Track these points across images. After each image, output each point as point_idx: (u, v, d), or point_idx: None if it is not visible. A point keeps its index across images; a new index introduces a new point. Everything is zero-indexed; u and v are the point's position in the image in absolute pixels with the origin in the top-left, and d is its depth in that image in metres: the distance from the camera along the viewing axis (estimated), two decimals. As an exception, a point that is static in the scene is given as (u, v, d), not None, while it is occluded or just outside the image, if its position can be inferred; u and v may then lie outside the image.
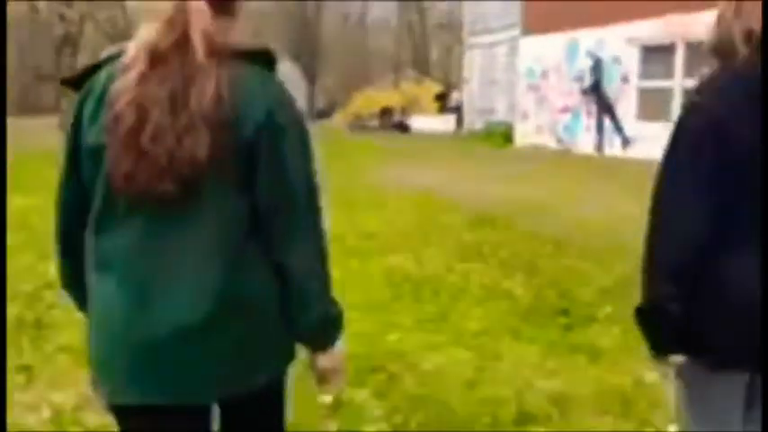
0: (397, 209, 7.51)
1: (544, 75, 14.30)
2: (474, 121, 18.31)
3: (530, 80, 14.76)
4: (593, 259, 5.16)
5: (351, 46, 55.43)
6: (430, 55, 52.15)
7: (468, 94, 18.98)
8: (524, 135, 14.96)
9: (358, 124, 29.56)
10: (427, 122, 23.38)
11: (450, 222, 6.76)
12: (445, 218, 6.98)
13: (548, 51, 14.04)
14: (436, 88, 30.52)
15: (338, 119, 34.67)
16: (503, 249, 5.55)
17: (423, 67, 47.40)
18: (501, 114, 17.08)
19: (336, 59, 55.45)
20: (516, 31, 15.59)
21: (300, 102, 1.50)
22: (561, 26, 13.54)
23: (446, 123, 22.27)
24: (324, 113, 41.80)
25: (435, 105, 28.13)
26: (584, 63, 13.05)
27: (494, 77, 17.62)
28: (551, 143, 14.05)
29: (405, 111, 26.02)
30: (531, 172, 10.87)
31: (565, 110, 13.68)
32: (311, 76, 48.13)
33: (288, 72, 1.53)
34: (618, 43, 12.23)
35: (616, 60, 12.34)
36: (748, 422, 1.35)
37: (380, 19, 57.30)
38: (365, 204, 7.67)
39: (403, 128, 23.50)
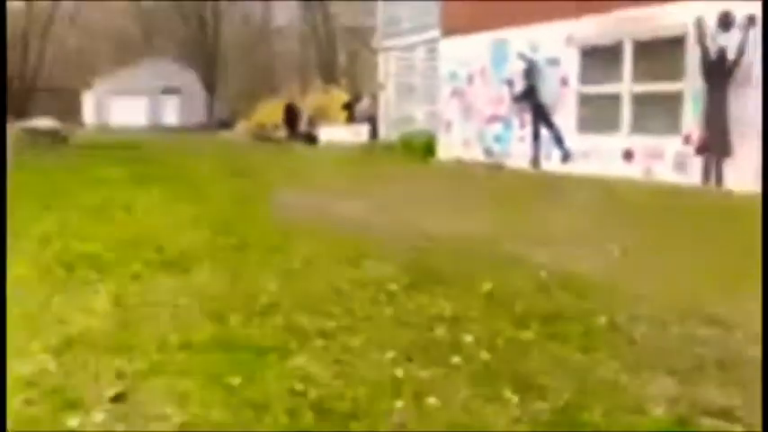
0: (305, 259, 5.45)
1: (470, 79, 12.67)
2: (391, 132, 16.53)
3: (453, 85, 13.10)
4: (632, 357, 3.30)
5: (253, 52, 52.78)
6: (337, 61, 50.27)
7: (384, 102, 17.17)
8: (449, 147, 13.26)
9: (262, 135, 27.24)
10: (337, 133, 21.41)
11: (380, 280, 4.79)
12: (372, 272, 5.01)
13: (472, 53, 12.42)
14: (344, 96, 28.61)
15: (240, 129, 32.12)
16: (474, 335, 3.60)
17: (330, 74, 45.47)
18: (421, 124, 15.41)
19: (238, 66, 52.65)
20: (435, 32, 13.92)
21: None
22: (487, 25, 11.96)
23: (357, 134, 20.38)
24: (225, 124, 39.09)
25: (343, 115, 26.22)
26: (516, 66, 11.50)
27: (412, 83, 15.93)
28: (480, 156, 12.42)
29: (312, 121, 23.96)
30: (465, 194, 9.10)
31: (494, 119, 12.08)
32: (210, 84, 45.17)
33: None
34: (554, 43, 10.75)
35: (553, 62, 10.84)
36: None
37: (284, 23, 54.99)
38: (258, 250, 5.60)
39: (310, 139, 21.42)
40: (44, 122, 43.25)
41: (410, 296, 4.35)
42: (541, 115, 11.02)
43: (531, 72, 11.19)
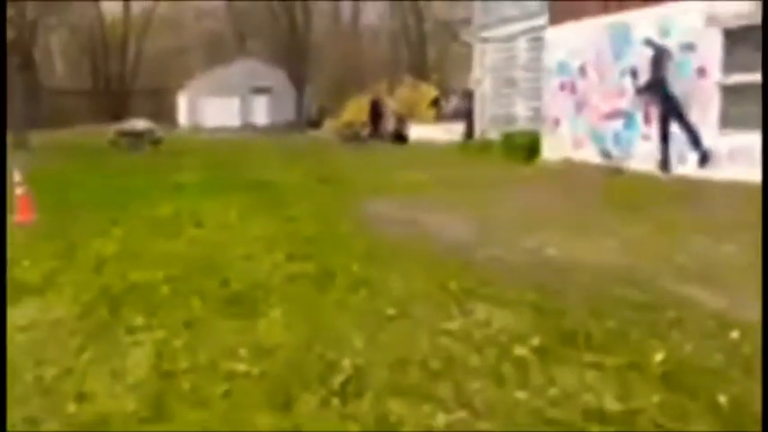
0: (399, 300, 4.25)
1: (582, 71, 11.13)
2: (488, 131, 15.14)
3: (562, 78, 11.59)
4: None
5: (343, 50, 52.32)
6: (427, 57, 49.03)
7: (480, 98, 15.79)
8: (556, 147, 11.78)
9: (349, 134, 26.41)
10: (428, 132, 20.19)
11: (499, 337, 3.47)
12: (488, 324, 3.73)
13: (586, 41, 10.89)
14: (433, 92, 27.34)
15: (328, 128, 31.45)
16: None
17: (419, 70, 44.29)
18: (522, 121, 13.97)
19: (327, 64, 52.34)
20: (541, 20, 12.44)
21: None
22: (604, 7, 10.41)
23: (450, 133, 19.08)
24: (314, 122, 38.63)
25: (431, 112, 24.98)
26: (641, 53, 9.90)
27: (512, 77, 14.50)
28: (594, 157, 10.88)
29: (402, 118, 22.85)
30: (587, 206, 7.67)
31: (613, 115, 10.50)
32: (300, 83, 44.99)
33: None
34: (690, 25, 9.10)
35: (688, 48, 9.18)
36: None
37: (374, 20, 54.27)
38: (342, 284, 4.48)
39: (401, 138, 20.30)
40: (140, 123, 44.37)
41: (547, 369, 3.09)
42: (673, 110, 9.38)
43: (659, 60, 9.55)
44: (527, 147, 12.38)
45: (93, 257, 5.63)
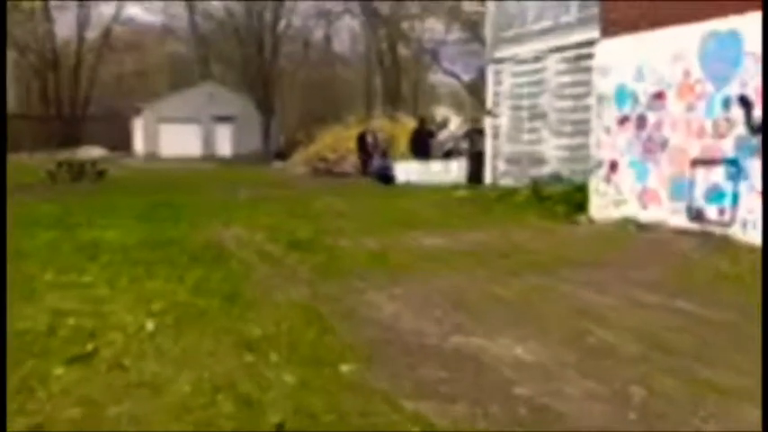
0: None
1: (657, 99, 8.18)
2: (503, 174, 12.16)
3: (623, 109, 8.63)
4: None
5: (314, 77, 49.44)
6: (401, 88, 46.44)
7: (492, 134, 12.80)
8: (611, 202, 8.77)
9: (323, 169, 23.27)
10: (418, 171, 17.14)
11: None
12: None
13: (665, 58, 7.98)
14: (411, 124, 24.27)
15: (297, 161, 28.23)
16: None
17: (394, 100, 41.60)
18: (554, 165, 11.03)
19: (297, 93, 49.34)
20: (583, 34, 9.56)
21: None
22: (695, 11, 7.54)
23: (446, 173, 16.07)
24: (281, 154, 35.37)
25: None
26: (755, 73, 7.00)
27: (540, 107, 11.56)
28: (672, 219, 7.90)
29: (386, 153, 19.79)
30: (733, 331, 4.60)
31: (708, 161, 7.55)
32: (267, 112, 41.78)
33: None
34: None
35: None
36: None
37: (346, 48, 51.62)
38: None
39: (387, 178, 17.19)
40: (93, 151, 40.62)
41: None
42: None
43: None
44: (567, 200, 9.38)
45: None
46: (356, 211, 10.61)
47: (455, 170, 15.60)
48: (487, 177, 12.74)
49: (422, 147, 17.94)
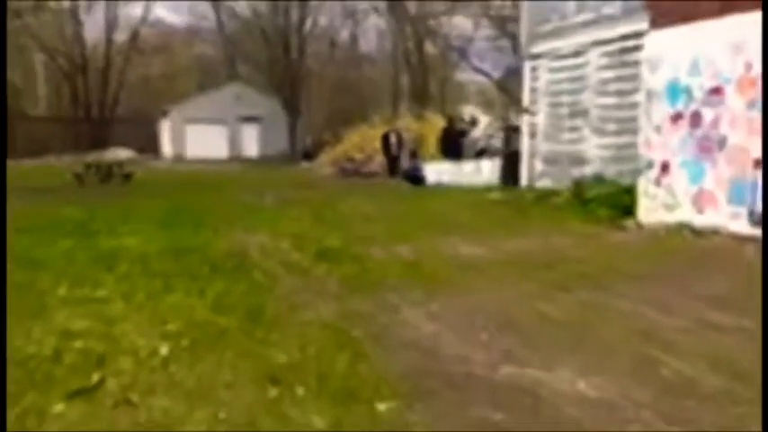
0: None
1: (714, 95, 7.55)
2: (541, 175, 11.56)
3: (676, 105, 8.00)
4: None
5: (340, 78, 49.09)
6: (429, 87, 45.82)
7: (529, 133, 12.20)
8: (661, 206, 8.15)
9: (350, 170, 22.83)
10: (448, 172, 16.59)
11: None
12: None
13: (724, 50, 7.34)
14: (441, 122, 23.67)
15: (324, 161, 27.83)
16: None
17: (422, 98, 41.02)
18: (596, 165, 10.40)
19: (324, 93, 49.02)
20: (629, 26, 8.93)
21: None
22: (753, 2, 6.90)
23: (478, 174, 15.50)
24: (309, 155, 35.01)
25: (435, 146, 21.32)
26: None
27: (580, 104, 10.94)
28: (731, 224, 7.26)
29: (415, 154, 19.25)
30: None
31: (772, 162, 6.90)
32: (293, 112, 41.50)
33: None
34: None
35: None
36: None
37: (373, 46, 51.15)
38: None
39: (417, 179, 16.67)
40: (122, 153, 40.76)
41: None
42: None
43: None
44: (612, 203, 8.76)
45: None
46: (386, 215, 10.11)
47: (488, 171, 15.01)
48: (523, 178, 12.15)
49: (452, 146, 17.38)
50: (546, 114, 11.78)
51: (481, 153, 17.33)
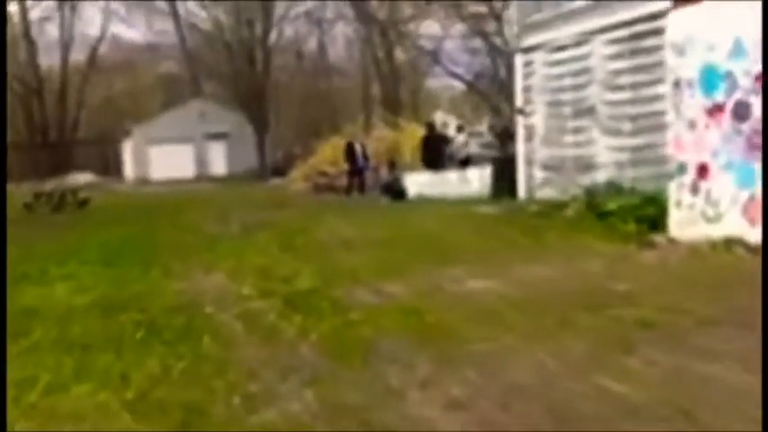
0: None
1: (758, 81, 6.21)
2: (541, 184, 10.18)
3: (714, 96, 6.64)
4: None
5: (308, 89, 47.58)
6: (400, 92, 44.55)
7: (525, 137, 10.81)
8: (701, 217, 6.78)
9: (324, 185, 21.33)
10: (431, 183, 15.17)
11: None
12: None
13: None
14: (420, 131, 22.17)
15: (295, 177, 26.28)
16: None
17: (394, 106, 39.66)
18: (609, 171, 9.03)
19: (292, 105, 47.45)
20: (647, 5, 7.60)
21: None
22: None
23: (465, 184, 14.11)
24: (280, 170, 33.39)
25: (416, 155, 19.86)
26: None
27: (586, 101, 9.55)
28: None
29: (393, 165, 17.80)
30: None
31: None
32: (261, 126, 39.84)
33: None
34: None
35: None
36: None
37: (340, 58, 49.75)
38: None
39: (396, 193, 15.21)
40: (82, 177, 38.72)
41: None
42: None
43: None
44: (637, 215, 7.38)
45: None
46: (369, 240, 8.61)
47: (476, 180, 13.61)
48: (521, 189, 10.76)
49: (434, 155, 15.95)
50: (544, 115, 10.40)
51: (466, 161, 15.95)
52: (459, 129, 18.01)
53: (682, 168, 6.94)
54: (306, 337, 4.54)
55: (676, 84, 6.95)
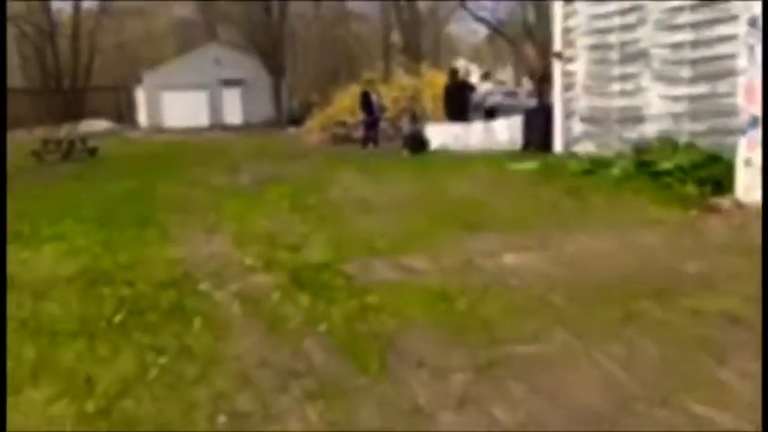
0: None
1: None
2: (579, 138, 9.19)
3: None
4: None
5: (326, 35, 46.01)
6: (421, 40, 42.91)
7: (563, 85, 9.76)
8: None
9: (340, 135, 20.38)
10: (455, 135, 14.19)
11: None
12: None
13: None
14: (442, 78, 20.87)
15: (312, 127, 25.27)
16: None
17: (415, 54, 38.15)
18: (661, 124, 8.03)
19: (309, 52, 45.99)
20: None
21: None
22: None
23: (490, 136, 13.12)
24: (297, 119, 32.36)
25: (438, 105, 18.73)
26: None
27: (636, 45, 8.44)
28: None
29: (415, 115, 16.77)
30: None
31: None
32: (277, 73, 38.62)
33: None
34: None
35: None
36: None
37: (361, 3, 47.92)
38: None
39: (418, 144, 14.26)
40: (97, 124, 38.00)
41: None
42: None
43: None
44: (696, 176, 6.44)
45: None
46: (390, 201, 7.77)
47: (503, 132, 12.62)
48: (557, 143, 9.78)
49: (458, 105, 14.90)
50: (586, 60, 9.31)
51: (492, 111, 14.89)
52: (485, 76, 16.84)
53: (755, 122, 5.96)
54: (313, 328, 3.76)
55: (752, 22, 5.90)
